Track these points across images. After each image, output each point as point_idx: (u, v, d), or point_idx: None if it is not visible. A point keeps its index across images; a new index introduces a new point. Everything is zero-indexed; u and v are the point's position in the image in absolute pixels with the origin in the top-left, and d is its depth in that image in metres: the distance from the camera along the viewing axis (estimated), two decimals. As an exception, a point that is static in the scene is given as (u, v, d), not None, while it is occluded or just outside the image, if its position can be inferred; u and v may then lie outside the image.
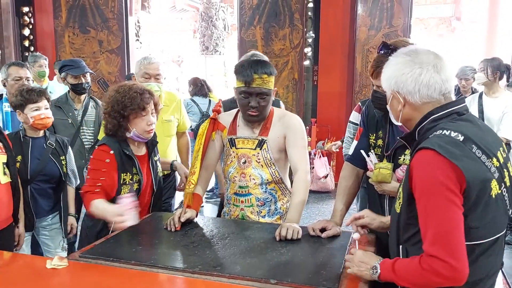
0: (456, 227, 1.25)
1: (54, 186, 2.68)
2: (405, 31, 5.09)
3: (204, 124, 2.28)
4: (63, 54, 5.89)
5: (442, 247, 1.24)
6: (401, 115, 1.45)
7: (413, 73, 1.38)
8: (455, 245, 1.24)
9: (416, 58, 1.39)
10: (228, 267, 1.64)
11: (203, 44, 11.11)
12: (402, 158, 1.89)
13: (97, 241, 1.91)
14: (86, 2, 5.80)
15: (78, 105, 3.31)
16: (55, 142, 2.68)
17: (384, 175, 1.86)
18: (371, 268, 1.44)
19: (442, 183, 1.24)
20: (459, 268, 1.24)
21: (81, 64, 3.31)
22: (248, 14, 5.50)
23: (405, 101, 1.41)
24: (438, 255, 1.23)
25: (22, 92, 2.55)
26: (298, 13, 5.39)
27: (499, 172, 1.33)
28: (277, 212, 2.24)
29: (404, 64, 1.40)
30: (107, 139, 2.20)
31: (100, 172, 2.10)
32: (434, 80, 1.37)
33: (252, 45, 5.54)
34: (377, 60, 1.82)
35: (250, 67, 2.09)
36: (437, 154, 1.25)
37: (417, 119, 1.41)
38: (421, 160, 1.29)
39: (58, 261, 1.63)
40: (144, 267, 1.64)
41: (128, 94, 2.14)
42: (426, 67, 1.37)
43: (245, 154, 2.21)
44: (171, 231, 1.99)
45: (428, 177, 1.26)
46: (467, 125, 1.36)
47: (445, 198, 1.24)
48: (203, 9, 11.05)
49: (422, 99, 1.38)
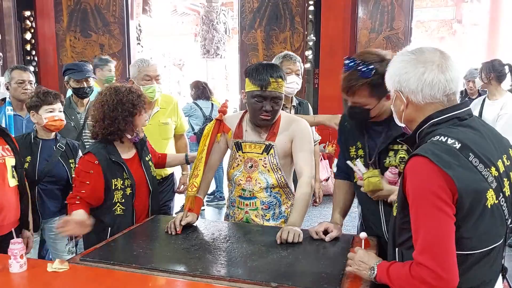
0: (446, 237, 1.22)
1: (61, 188, 2.69)
2: (406, 34, 5.10)
3: (210, 125, 2.26)
4: (65, 58, 5.90)
5: (431, 257, 1.22)
6: (404, 115, 1.41)
7: (416, 72, 1.33)
8: (444, 255, 1.22)
9: (420, 56, 1.35)
10: (229, 270, 1.64)
11: (204, 47, 11.14)
12: (388, 161, 1.86)
13: (98, 245, 1.91)
14: (87, 6, 5.82)
15: (81, 109, 3.32)
16: (65, 145, 2.70)
17: (375, 183, 1.82)
18: (370, 269, 1.44)
19: (433, 192, 1.21)
20: (447, 279, 1.22)
21: (84, 68, 3.32)
22: (249, 18, 5.51)
23: (408, 101, 1.38)
24: (427, 264, 1.22)
25: (39, 94, 2.60)
26: (298, 16, 5.40)
27: (498, 182, 1.28)
28: (281, 215, 2.23)
29: (408, 62, 1.36)
30: (93, 147, 2.25)
31: (83, 185, 2.14)
32: (438, 79, 1.32)
33: (253, 48, 5.55)
34: (348, 77, 1.74)
35: (265, 71, 2.07)
36: (429, 162, 1.22)
37: (419, 121, 1.38)
38: (414, 167, 1.27)
39: (59, 265, 1.63)
40: (145, 271, 1.63)
41: (132, 95, 2.22)
42: (430, 66, 1.32)
43: (252, 158, 2.20)
44: (171, 234, 1.99)
45: (420, 184, 1.24)
46: (467, 131, 1.31)
47: (435, 207, 1.21)
48: (204, 12, 11.08)
49: (425, 99, 1.34)
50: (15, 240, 1.65)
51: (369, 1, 5.15)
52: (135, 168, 2.29)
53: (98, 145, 2.24)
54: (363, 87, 1.72)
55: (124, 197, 2.23)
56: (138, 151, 2.35)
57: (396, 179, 1.83)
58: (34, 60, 6.03)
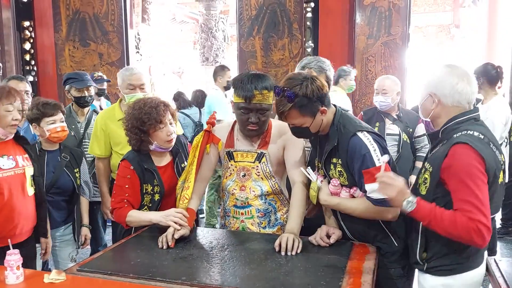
0: (487, 199, 1.59)
1: (67, 198, 2.70)
2: (404, 39, 5.09)
3: (198, 136, 2.25)
4: (64, 68, 5.91)
5: (486, 218, 1.56)
6: (432, 112, 1.79)
7: (451, 81, 1.72)
8: (489, 214, 1.58)
9: (455, 70, 1.74)
10: (227, 279, 1.63)
11: (203, 55, 11.16)
12: (331, 173, 1.98)
13: (95, 254, 1.90)
14: (86, 15, 5.83)
15: (81, 118, 3.32)
16: (69, 154, 2.69)
17: (312, 196, 2.02)
18: (407, 200, 1.63)
19: (477, 168, 1.60)
20: (490, 234, 1.58)
21: (85, 78, 3.33)
22: (247, 25, 5.52)
23: (439, 102, 1.75)
24: (483, 221, 1.55)
25: (38, 106, 2.58)
26: (296, 23, 5.40)
27: (503, 166, 1.72)
28: (277, 222, 2.22)
29: (446, 73, 1.74)
30: (128, 154, 2.30)
31: (124, 189, 2.23)
32: (466, 90, 1.73)
33: (251, 55, 5.55)
34: (278, 104, 1.89)
35: (250, 82, 2.04)
36: (470, 148, 1.61)
37: (443, 118, 1.76)
38: (460, 151, 1.63)
39: (56, 275, 1.62)
40: (143, 280, 1.63)
41: (144, 110, 2.21)
42: (462, 79, 1.72)
43: (244, 167, 2.19)
44: (168, 244, 1.95)
45: (466, 163, 1.61)
46: (482, 128, 1.73)
47: (479, 178, 1.59)
48: (202, 20, 11.11)
49: (454, 103, 1.74)
50: (11, 251, 1.65)
51: (366, 7, 5.16)
52: (168, 175, 2.33)
53: (132, 153, 2.30)
54: (292, 110, 1.86)
55: (152, 201, 2.29)
56: (173, 159, 2.37)
57: (338, 190, 1.96)
58: (33, 70, 6.03)
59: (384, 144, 1.91)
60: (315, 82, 1.85)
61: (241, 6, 5.48)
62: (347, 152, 1.88)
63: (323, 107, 1.88)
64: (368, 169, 1.81)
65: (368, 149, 1.83)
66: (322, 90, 1.86)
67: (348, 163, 1.89)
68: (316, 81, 1.86)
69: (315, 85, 1.84)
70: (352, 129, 1.89)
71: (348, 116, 1.99)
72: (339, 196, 1.97)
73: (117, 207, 2.22)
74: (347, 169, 1.90)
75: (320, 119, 1.91)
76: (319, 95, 1.86)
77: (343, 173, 1.93)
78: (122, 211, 2.19)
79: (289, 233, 1.93)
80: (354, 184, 1.92)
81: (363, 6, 5.17)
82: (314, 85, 1.84)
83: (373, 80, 4.62)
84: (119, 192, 2.24)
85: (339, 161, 1.93)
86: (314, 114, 1.88)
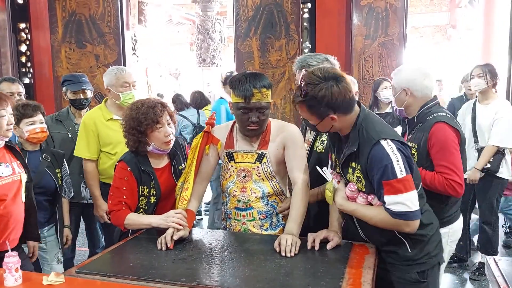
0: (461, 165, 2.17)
1: (50, 198, 2.68)
2: (401, 40, 5.10)
3: (197, 137, 2.24)
4: (60, 69, 5.88)
5: (459, 176, 2.13)
6: (405, 103, 2.33)
7: (421, 79, 2.29)
8: (462, 175, 2.14)
9: (421, 69, 2.31)
10: (227, 280, 1.62)
11: (200, 56, 11.17)
12: (348, 176, 1.91)
13: (94, 256, 1.89)
14: (82, 17, 5.81)
15: (79, 120, 3.31)
16: (50, 155, 2.69)
17: (328, 197, 1.96)
18: None
19: (453, 140, 2.17)
20: (463, 191, 2.16)
21: (81, 80, 3.32)
22: (244, 26, 5.51)
23: (411, 94, 2.30)
24: (458, 180, 2.12)
25: (18, 107, 2.58)
26: (293, 24, 5.40)
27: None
28: (279, 224, 2.21)
29: (414, 71, 2.31)
30: (125, 156, 2.28)
31: (122, 191, 2.20)
32: (431, 85, 2.32)
33: (248, 56, 5.54)
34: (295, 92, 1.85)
35: (248, 82, 2.03)
36: (448, 125, 2.18)
37: (414, 106, 2.31)
38: (439, 128, 2.18)
39: (55, 277, 1.61)
40: (142, 282, 1.61)
41: (141, 110, 2.19)
42: (427, 76, 2.30)
43: (245, 168, 2.18)
44: (167, 246, 1.94)
45: (445, 136, 2.16)
46: (445, 109, 2.34)
47: (455, 148, 2.17)
48: (199, 22, 11.12)
49: (422, 95, 2.30)
50: (10, 254, 1.63)
51: (363, 7, 5.17)
52: (165, 178, 2.31)
53: (129, 154, 2.28)
54: (301, 104, 1.83)
55: (148, 204, 2.27)
56: (171, 161, 2.36)
57: (354, 195, 1.89)
58: (29, 72, 6.01)
59: (407, 153, 1.81)
60: (332, 88, 1.74)
61: (237, 7, 5.47)
62: (367, 160, 1.78)
63: (333, 115, 1.79)
64: (389, 180, 1.73)
65: (390, 160, 1.73)
66: (336, 98, 1.75)
67: (368, 171, 1.80)
68: (334, 87, 1.75)
69: (330, 91, 1.74)
70: (376, 136, 1.78)
71: (372, 119, 1.88)
72: (355, 201, 1.90)
73: (114, 210, 2.19)
74: (366, 176, 1.82)
75: (330, 124, 1.84)
76: (330, 103, 1.76)
77: (361, 179, 1.85)
78: (120, 213, 2.17)
79: (289, 233, 1.92)
80: (372, 191, 1.83)
81: (360, 6, 5.18)
82: (329, 91, 1.74)
83: (371, 81, 4.63)
84: (116, 194, 2.21)
85: (358, 166, 1.84)
86: (321, 117, 1.81)
